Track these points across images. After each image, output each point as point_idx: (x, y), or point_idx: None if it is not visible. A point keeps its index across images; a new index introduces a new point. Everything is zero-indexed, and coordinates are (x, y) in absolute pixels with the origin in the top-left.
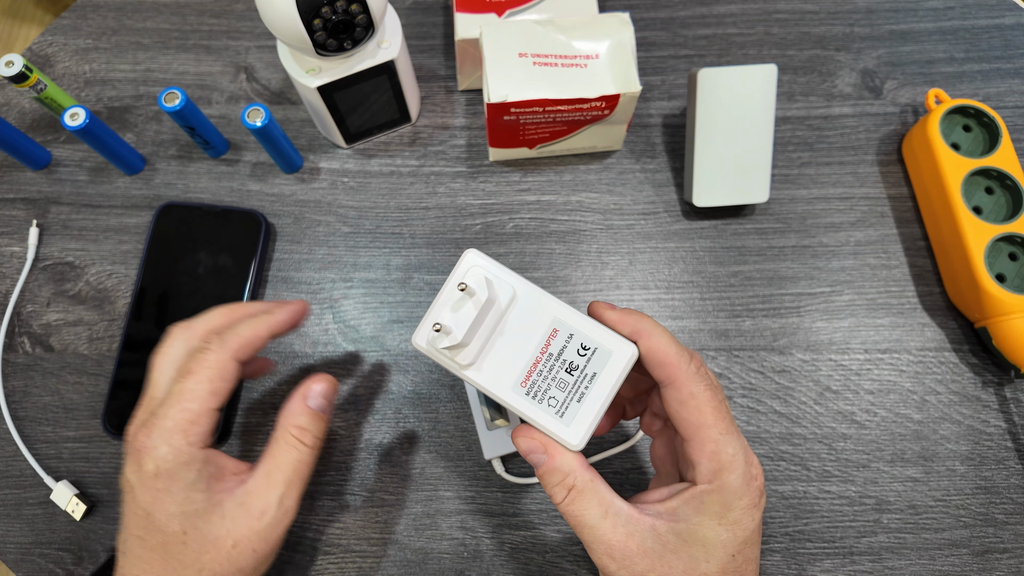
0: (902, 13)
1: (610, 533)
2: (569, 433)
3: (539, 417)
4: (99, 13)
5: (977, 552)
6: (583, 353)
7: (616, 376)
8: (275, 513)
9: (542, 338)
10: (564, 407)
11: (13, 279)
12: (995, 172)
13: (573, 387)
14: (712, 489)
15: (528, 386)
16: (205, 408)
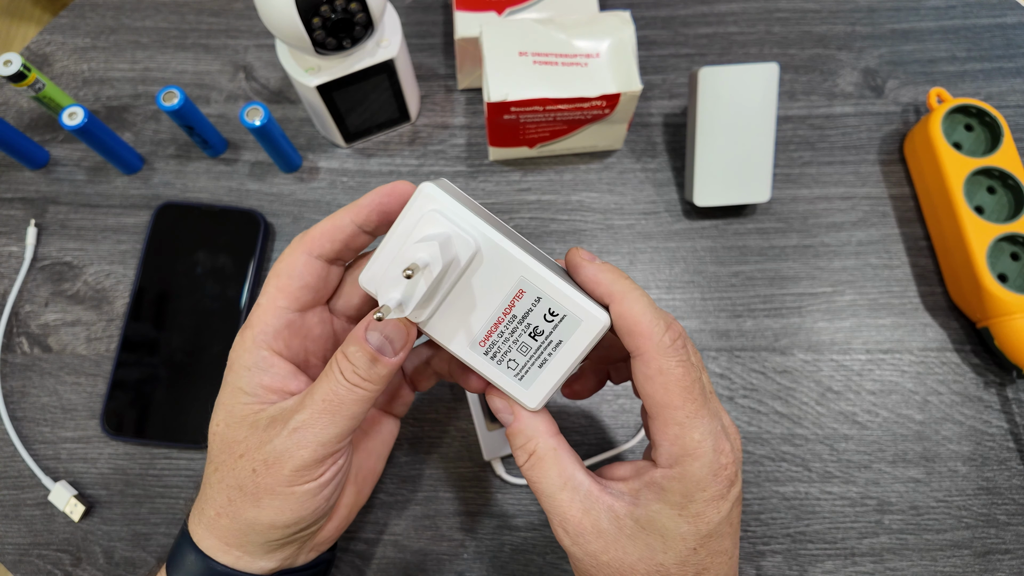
0: (904, 12)
1: (566, 505)
2: (527, 396)
3: (497, 377)
4: (97, 12)
5: (979, 553)
6: (550, 319)
7: (582, 346)
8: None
9: (506, 298)
10: (524, 371)
11: (11, 279)
12: (997, 172)
13: (536, 352)
14: (673, 476)
15: (487, 346)
16: (272, 306)
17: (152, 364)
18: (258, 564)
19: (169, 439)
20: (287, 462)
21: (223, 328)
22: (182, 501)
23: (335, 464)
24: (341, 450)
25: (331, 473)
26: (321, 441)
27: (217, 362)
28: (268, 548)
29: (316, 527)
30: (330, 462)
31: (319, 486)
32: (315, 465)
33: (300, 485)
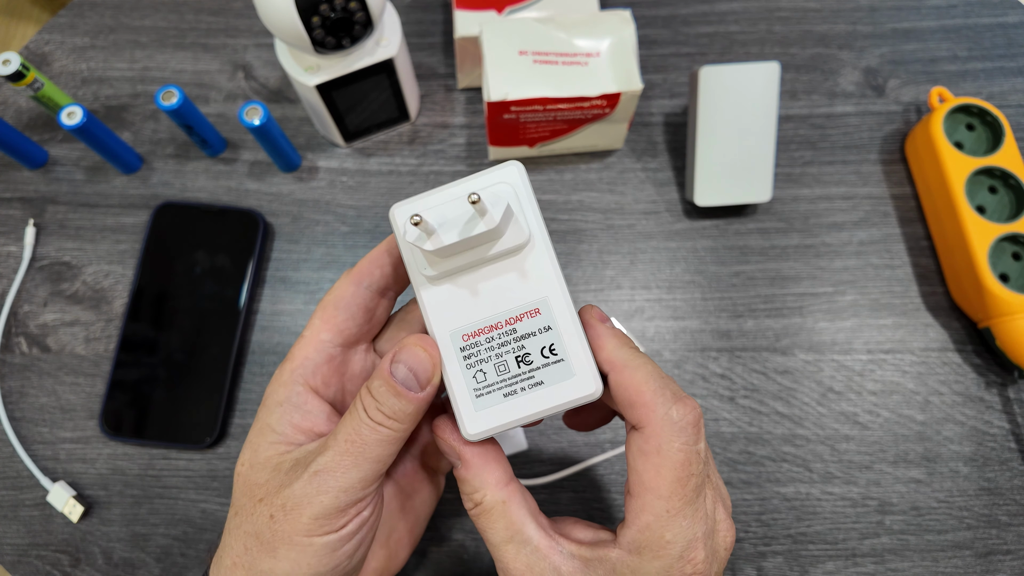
0: (905, 11)
1: (509, 559)
2: (471, 419)
3: (456, 381)
4: (96, 11)
5: (980, 554)
6: (546, 356)
7: (560, 401)
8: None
9: (518, 308)
10: (487, 391)
11: (9, 279)
12: (999, 171)
13: (510, 381)
14: (628, 564)
15: (468, 344)
16: (315, 339)
17: (151, 364)
18: None
19: (168, 439)
20: (306, 509)
21: (222, 328)
22: (181, 502)
23: (360, 515)
24: (367, 498)
25: (355, 525)
26: (343, 487)
27: (216, 362)
28: None
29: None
30: (354, 512)
31: (340, 539)
32: (337, 514)
33: (320, 536)
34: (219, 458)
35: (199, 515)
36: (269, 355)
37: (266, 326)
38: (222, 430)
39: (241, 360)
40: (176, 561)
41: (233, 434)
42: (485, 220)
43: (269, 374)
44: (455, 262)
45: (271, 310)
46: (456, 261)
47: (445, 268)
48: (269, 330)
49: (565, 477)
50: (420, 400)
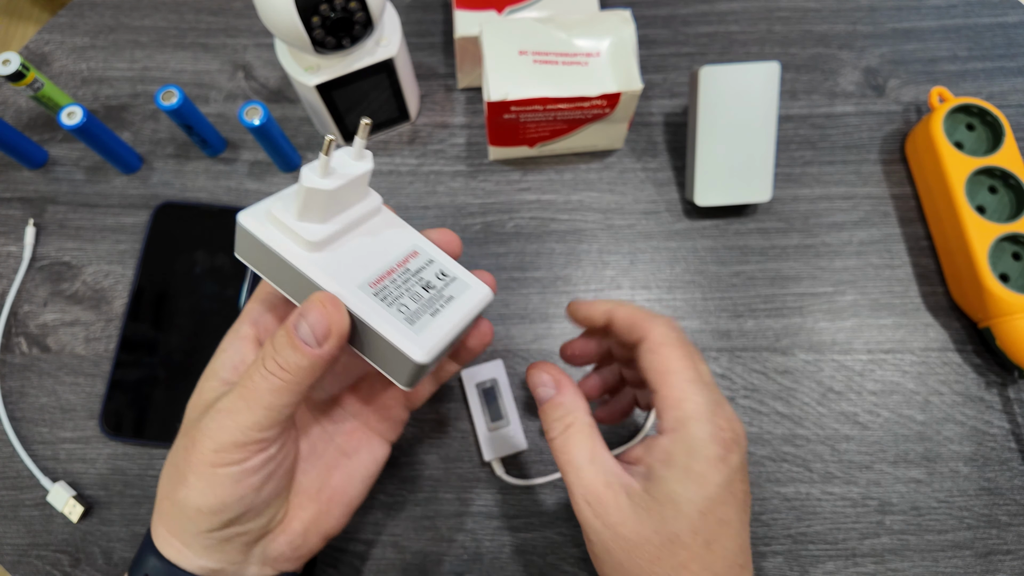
0: (905, 11)
1: (591, 478)
2: (417, 342)
3: (385, 320)
4: (96, 11)
5: (980, 554)
6: (441, 278)
7: (472, 305)
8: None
9: (401, 255)
10: (416, 316)
11: (9, 279)
12: (999, 171)
13: (428, 303)
14: (677, 439)
15: (378, 289)
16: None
17: (151, 364)
18: (197, 562)
19: (168, 439)
20: (207, 442)
21: (222, 328)
22: None
23: (263, 453)
24: (268, 440)
25: (258, 461)
26: (238, 426)
27: None
28: (205, 543)
29: (251, 523)
30: (255, 448)
31: (243, 471)
32: (234, 448)
33: (223, 467)
34: None
35: None
36: None
37: None
38: None
39: None
40: None
41: None
42: (364, 161)
43: None
44: (328, 227)
45: None
46: (328, 226)
47: (322, 231)
48: None
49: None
50: (315, 356)
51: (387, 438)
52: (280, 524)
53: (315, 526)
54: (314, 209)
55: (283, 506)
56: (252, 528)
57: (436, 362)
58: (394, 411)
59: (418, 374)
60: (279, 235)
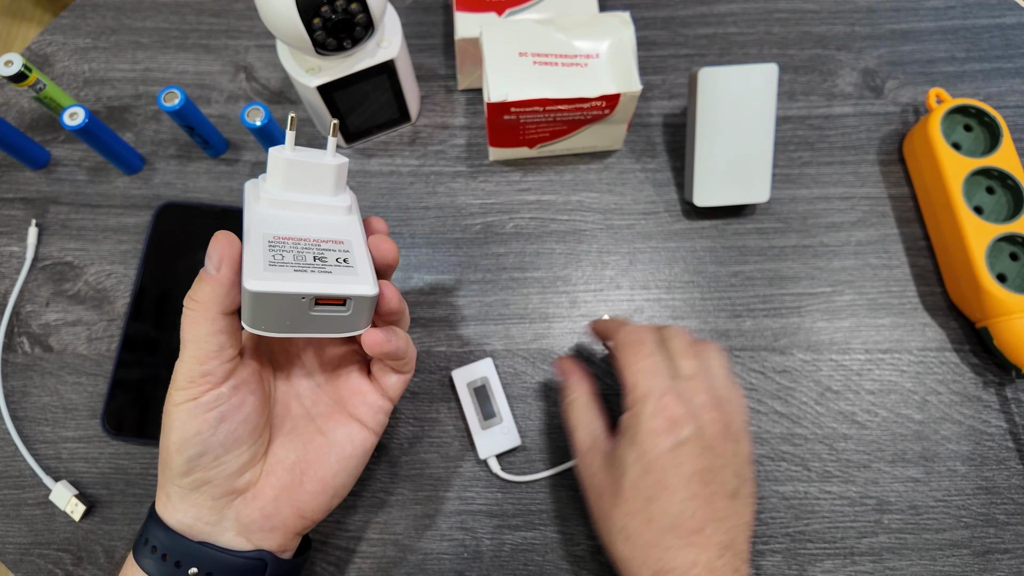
0: (903, 12)
1: (581, 440)
2: (257, 275)
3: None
4: (98, 12)
5: (978, 552)
6: (339, 263)
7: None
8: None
9: (326, 237)
10: (279, 266)
11: (12, 279)
12: (996, 172)
13: (304, 266)
14: (630, 415)
15: (276, 242)
16: None
17: (153, 364)
18: (176, 516)
19: None
20: (171, 387)
21: None
22: None
23: (213, 390)
24: (213, 375)
25: (209, 398)
26: (184, 364)
27: None
28: (180, 493)
29: (214, 469)
30: (204, 384)
31: (196, 406)
32: (187, 384)
33: (182, 404)
34: None
35: None
36: None
37: None
38: None
39: None
40: None
41: None
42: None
43: None
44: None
45: None
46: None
47: (285, 198)
48: None
49: (559, 473)
50: (213, 280)
51: (368, 426)
52: (252, 487)
53: (287, 495)
54: (277, 175)
55: (253, 465)
56: (216, 476)
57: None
58: (369, 397)
59: (252, 305)
60: (253, 191)
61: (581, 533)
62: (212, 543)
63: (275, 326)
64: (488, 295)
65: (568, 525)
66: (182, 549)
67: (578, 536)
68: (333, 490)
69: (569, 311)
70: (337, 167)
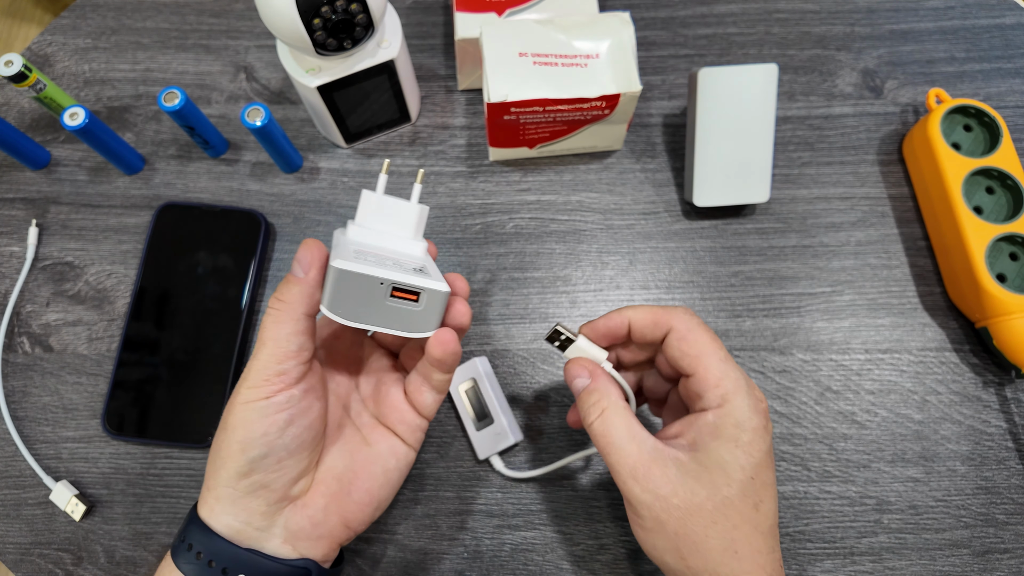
0: (903, 13)
1: (635, 455)
2: (346, 261)
3: (340, 249)
4: (98, 13)
5: (978, 552)
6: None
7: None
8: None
9: (406, 260)
10: (362, 258)
11: (12, 279)
12: (996, 172)
13: (383, 262)
14: (724, 413)
15: (360, 251)
16: None
17: (153, 364)
18: (224, 519)
19: (170, 439)
20: (242, 383)
21: (224, 328)
22: (183, 500)
23: (286, 391)
24: (288, 376)
25: (281, 399)
26: (260, 361)
27: (218, 362)
28: (232, 495)
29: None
30: (278, 383)
31: (268, 405)
32: (261, 382)
33: (252, 402)
34: None
35: None
36: None
37: None
38: None
39: (243, 360)
40: None
41: None
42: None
43: None
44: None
45: None
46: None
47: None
48: None
49: (558, 469)
50: (301, 282)
51: (407, 442)
52: (303, 495)
53: (336, 504)
54: (367, 212)
55: (307, 473)
56: (275, 480)
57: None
58: (407, 415)
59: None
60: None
61: (581, 533)
62: (259, 550)
63: (351, 312)
64: (488, 295)
65: (568, 525)
66: (229, 555)
67: (578, 536)
68: (377, 501)
69: (569, 311)
70: (419, 210)
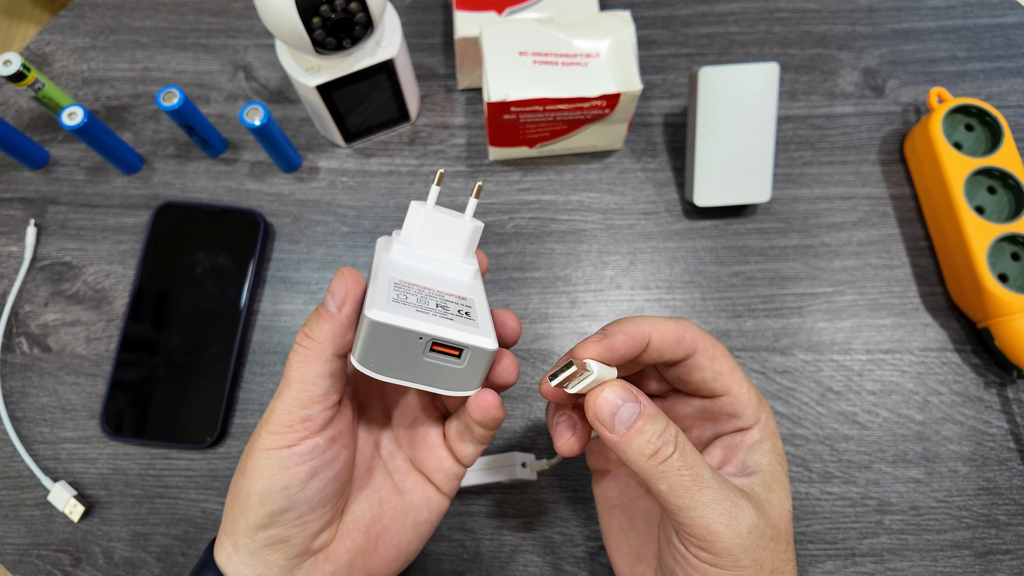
0: (904, 12)
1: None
2: (382, 305)
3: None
4: (97, 12)
5: (979, 553)
6: (461, 314)
7: (462, 335)
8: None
9: (451, 291)
10: (402, 304)
11: (11, 279)
12: (997, 172)
13: (425, 309)
14: (762, 427)
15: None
16: None
17: (152, 364)
18: (241, 569)
19: (169, 439)
20: (263, 427)
21: (223, 328)
22: (182, 501)
23: (309, 440)
24: (313, 422)
25: (305, 448)
26: (284, 404)
27: (217, 362)
28: (251, 546)
29: (295, 527)
30: (302, 430)
31: (291, 455)
32: (284, 429)
33: (274, 450)
34: (220, 458)
35: (200, 515)
36: (270, 355)
37: (267, 326)
38: (223, 430)
39: (242, 360)
40: (177, 561)
41: (233, 434)
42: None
43: (270, 374)
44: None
45: (272, 310)
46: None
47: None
48: (270, 330)
49: (559, 472)
50: (333, 319)
51: (443, 491)
52: (326, 548)
53: (361, 559)
54: (413, 228)
55: (331, 524)
56: (296, 535)
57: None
58: (445, 462)
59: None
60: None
61: (581, 534)
62: None
63: (385, 367)
64: (488, 295)
65: (568, 525)
66: None
67: (578, 537)
68: (406, 556)
69: (569, 311)
70: (473, 228)
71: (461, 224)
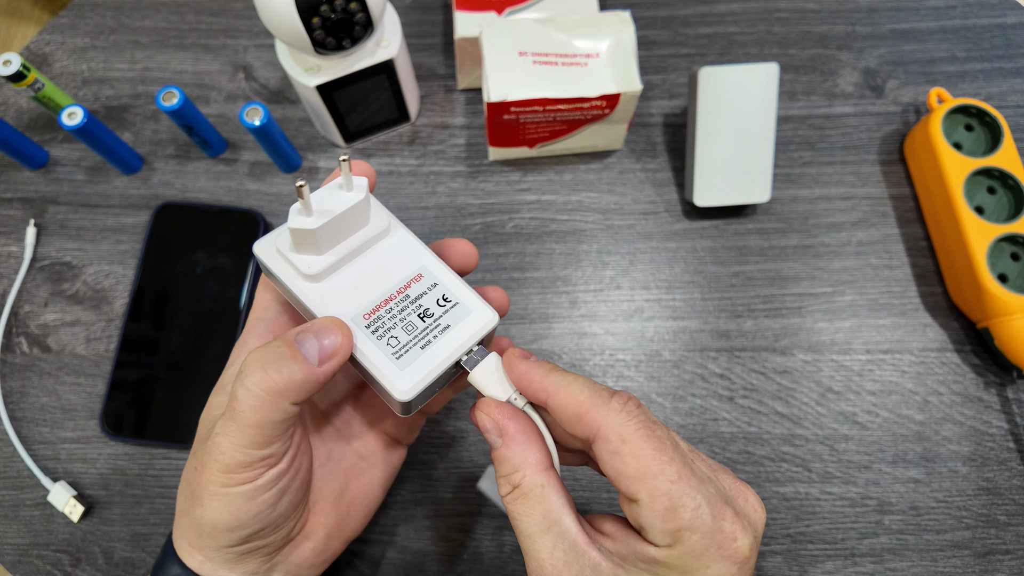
0: (904, 12)
1: (545, 553)
2: (399, 379)
3: (373, 355)
4: (97, 12)
5: (979, 553)
6: (442, 304)
7: (469, 335)
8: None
9: (403, 279)
10: (404, 350)
11: (10, 279)
12: (997, 172)
13: (421, 333)
14: (674, 556)
15: (372, 320)
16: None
17: (151, 364)
18: (220, 572)
19: (168, 439)
20: (212, 464)
21: (222, 328)
22: None
23: (272, 469)
24: (274, 455)
25: (269, 477)
26: (237, 447)
27: (217, 362)
28: (226, 557)
29: (271, 536)
30: (262, 466)
31: (255, 489)
32: (240, 468)
33: (234, 487)
34: None
35: None
36: None
37: None
38: None
39: None
40: None
41: None
42: (349, 196)
43: None
44: (327, 257)
45: None
46: (328, 256)
47: (320, 263)
48: None
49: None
50: (312, 373)
51: (404, 442)
52: (302, 531)
53: (337, 531)
54: (307, 244)
55: (303, 514)
56: (273, 540)
57: (428, 395)
58: (409, 418)
59: (409, 408)
60: (284, 265)
61: None
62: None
63: (422, 402)
64: None
65: None
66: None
67: None
68: (375, 507)
69: (569, 311)
70: (361, 201)
71: (351, 205)
